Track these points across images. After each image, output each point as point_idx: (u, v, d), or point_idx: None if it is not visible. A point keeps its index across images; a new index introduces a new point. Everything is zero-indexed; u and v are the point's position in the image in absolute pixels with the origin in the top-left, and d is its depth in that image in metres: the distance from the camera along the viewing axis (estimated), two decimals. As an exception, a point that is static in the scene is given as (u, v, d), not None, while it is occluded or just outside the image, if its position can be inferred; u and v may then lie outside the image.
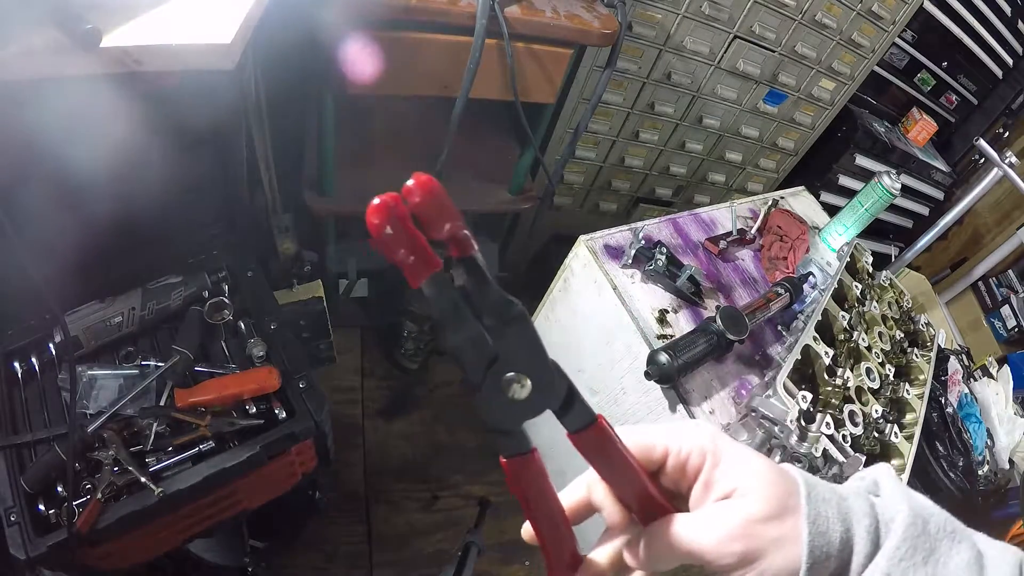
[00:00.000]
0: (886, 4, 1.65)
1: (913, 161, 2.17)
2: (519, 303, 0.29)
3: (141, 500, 0.85)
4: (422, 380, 1.82)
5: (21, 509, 0.81)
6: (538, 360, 0.31)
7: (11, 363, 0.93)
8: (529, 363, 0.30)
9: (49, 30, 0.65)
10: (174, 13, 0.75)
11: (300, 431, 0.97)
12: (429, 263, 0.27)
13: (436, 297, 0.27)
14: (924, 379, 1.20)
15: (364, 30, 1.09)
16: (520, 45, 1.22)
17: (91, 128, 0.72)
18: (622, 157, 1.82)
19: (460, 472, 1.67)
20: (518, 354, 0.30)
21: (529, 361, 0.30)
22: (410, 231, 0.26)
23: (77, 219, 0.82)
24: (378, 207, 0.25)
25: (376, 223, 0.25)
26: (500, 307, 0.29)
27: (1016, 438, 1.31)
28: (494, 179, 1.61)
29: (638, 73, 1.60)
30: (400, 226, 0.26)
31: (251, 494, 1.03)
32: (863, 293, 1.23)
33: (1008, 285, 2.28)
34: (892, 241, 2.45)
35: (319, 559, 1.43)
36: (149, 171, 0.83)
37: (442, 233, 0.27)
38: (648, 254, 1.12)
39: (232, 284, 1.09)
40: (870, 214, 1.38)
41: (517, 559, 1.58)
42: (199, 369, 0.99)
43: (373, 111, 1.57)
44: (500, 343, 0.29)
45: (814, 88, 1.82)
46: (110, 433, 0.87)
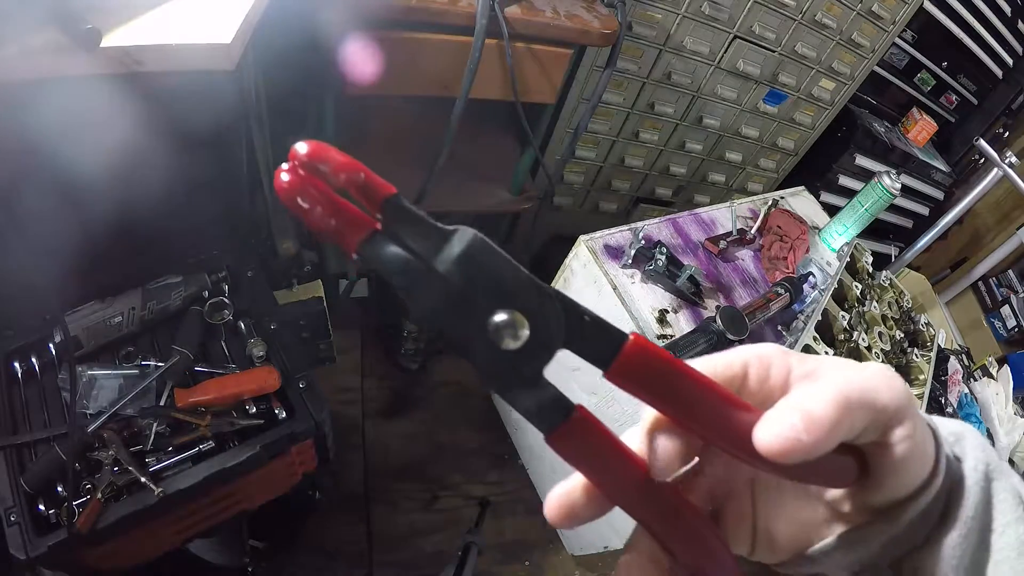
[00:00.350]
0: (886, 4, 1.65)
1: (913, 161, 2.17)
2: (467, 228, 0.23)
3: (141, 500, 0.85)
4: (422, 380, 1.82)
5: (21, 509, 0.81)
6: (515, 285, 0.23)
7: (11, 363, 0.93)
8: (506, 294, 0.23)
9: (49, 30, 0.65)
10: (174, 13, 0.75)
11: (300, 431, 0.97)
12: (358, 226, 0.23)
13: (376, 260, 0.23)
14: (924, 379, 1.20)
15: (364, 30, 1.09)
16: (520, 45, 1.22)
17: (91, 128, 0.72)
18: (622, 157, 1.82)
19: (460, 472, 1.67)
20: (489, 290, 0.23)
21: (505, 292, 0.23)
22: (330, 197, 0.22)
23: (77, 219, 0.82)
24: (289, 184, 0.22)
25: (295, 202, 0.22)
26: (445, 242, 0.23)
27: (1016, 438, 1.31)
28: (494, 179, 1.61)
29: (638, 73, 1.60)
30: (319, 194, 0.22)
31: (251, 494, 1.03)
32: (863, 293, 1.23)
33: (1008, 285, 2.28)
34: (892, 241, 2.45)
35: (319, 559, 1.43)
36: (149, 171, 0.83)
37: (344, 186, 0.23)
38: (648, 254, 1.12)
39: (232, 284, 1.09)
40: (870, 214, 1.38)
41: (517, 559, 1.58)
42: (199, 369, 0.99)
43: (373, 111, 1.57)
44: (467, 287, 0.23)
45: (814, 88, 1.82)
46: (110, 433, 0.87)
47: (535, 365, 0.24)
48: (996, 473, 0.28)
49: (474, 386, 1.84)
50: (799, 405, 0.23)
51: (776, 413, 0.23)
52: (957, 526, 0.27)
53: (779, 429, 0.23)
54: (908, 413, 0.25)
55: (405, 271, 0.23)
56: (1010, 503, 0.28)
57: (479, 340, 0.23)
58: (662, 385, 0.25)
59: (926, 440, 0.26)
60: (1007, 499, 0.28)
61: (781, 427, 0.23)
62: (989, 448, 0.29)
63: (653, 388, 0.25)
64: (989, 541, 0.27)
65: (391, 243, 0.23)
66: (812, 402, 0.23)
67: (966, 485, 0.27)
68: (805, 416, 0.22)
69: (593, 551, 1.49)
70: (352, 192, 0.23)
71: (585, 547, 1.53)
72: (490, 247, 0.23)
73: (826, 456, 0.24)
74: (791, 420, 0.23)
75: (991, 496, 0.28)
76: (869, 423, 0.24)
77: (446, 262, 0.23)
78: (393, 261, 0.23)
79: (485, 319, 0.23)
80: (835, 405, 0.23)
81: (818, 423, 0.22)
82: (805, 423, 0.22)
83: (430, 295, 0.23)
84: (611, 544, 1.37)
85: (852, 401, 0.23)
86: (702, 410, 0.25)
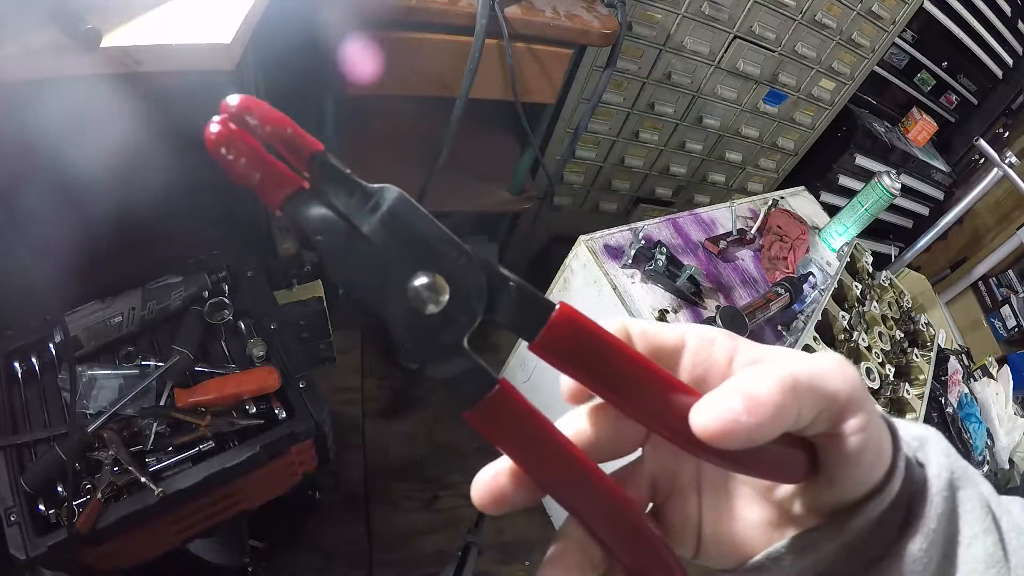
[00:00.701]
0: (886, 4, 1.65)
1: (913, 161, 2.17)
2: (392, 187, 0.22)
3: (141, 500, 0.85)
4: (422, 380, 1.82)
5: (21, 509, 0.81)
6: (437, 247, 0.22)
7: (11, 363, 0.93)
8: (428, 256, 0.22)
9: (49, 30, 0.65)
10: (174, 13, 0.75)
11: (300, 431, 0.97)
12: (284, 182, 0.22)
13: (300, 218, 0.22)
14: (924, 379, 1.20)
15: (364, 30, 1.09)
16: (520, 45, 1.22)
17: (91, 128, 0.72)
18: (622, 157, 1.82)
19: (460, 472, 1.67)
20: (411, 251, 0.22)
21: (427, 254, 0.22)
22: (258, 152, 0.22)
23: (77, 219, 0.82)
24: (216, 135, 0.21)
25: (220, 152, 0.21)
26: (370, 200, 0.22)
27: (1016, 438, 1.31)
28: (494, 179, 1.61)
29: (638, 73, 1.60)
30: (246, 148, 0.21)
31: (251, 494, 1.03)
32: (863, 293, 1.23)
33: (1008, 285, 2.28)
34: (892, 241, 2.45)
35: (319, 559, 1.43)
36: (149, 171, 0.83)
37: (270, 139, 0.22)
38: (648, 254, 1.12)
39: (232, 284, 1.09)
40: (870, 214, 1.38)
41: (517, 559, 1.58)
42: (199, 369, 0.99)
43: (373, 111, 1.57)
44: (389, 248, 0.22)
45: (814, 88, 1.82)
46: (110, 433, 0.87)
47: (456, 332, 0.23)
48: (962, 481, 0.26)
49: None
50: (741, 386, 0.21)
51: (715, 394, 0.22)
52: (918, 538, 0.24)
53: (717, 411, 0.21)
54: (861, 404, 0.23)
55: (328, 230, 0.22)
56: (977, 513, 0.26)
57: (398, 304, 0.22)
58: (593, 360, 0.23)
59: (881, 436, 0.24)
60: (974, 509, 0.26)
61: (720, 408, 0.21)
62: (954, 454, 0.27)
63: (583, 363, 0.23)
64: (955, 554, 0.25)
65: (316, 201, 0.22)
66: (755, 384, 0.21)
67: (928, 494, 0.25)
68: (747, 397, 0.21)
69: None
70: (280, 148, 0.22)
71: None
72: (414, 206, 0.22)
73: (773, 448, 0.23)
74: (731, 402, 0.21)
75: (956, 506, 0.26)
76: (819, 412, 0.22)
77: (369, 222, 0.22)
78: (317, 220, 0.22)
79: (406, 282, 0.22)
80: (780, 387, 0.21)
81: (761, 405, 0.20)
82: (747, 404, 0.21)
83: (352, 257, 0.22)
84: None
85: (800, 385, 0.21)
86: (636, 389, 0.23)
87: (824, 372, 0.22)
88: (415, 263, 0.22)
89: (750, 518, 0.27)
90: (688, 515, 0.28)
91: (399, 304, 0.22)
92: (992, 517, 0.26)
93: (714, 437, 0.21)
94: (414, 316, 0.22)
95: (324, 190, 0.22)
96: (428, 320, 0.22)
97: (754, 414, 0.20)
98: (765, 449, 0.23)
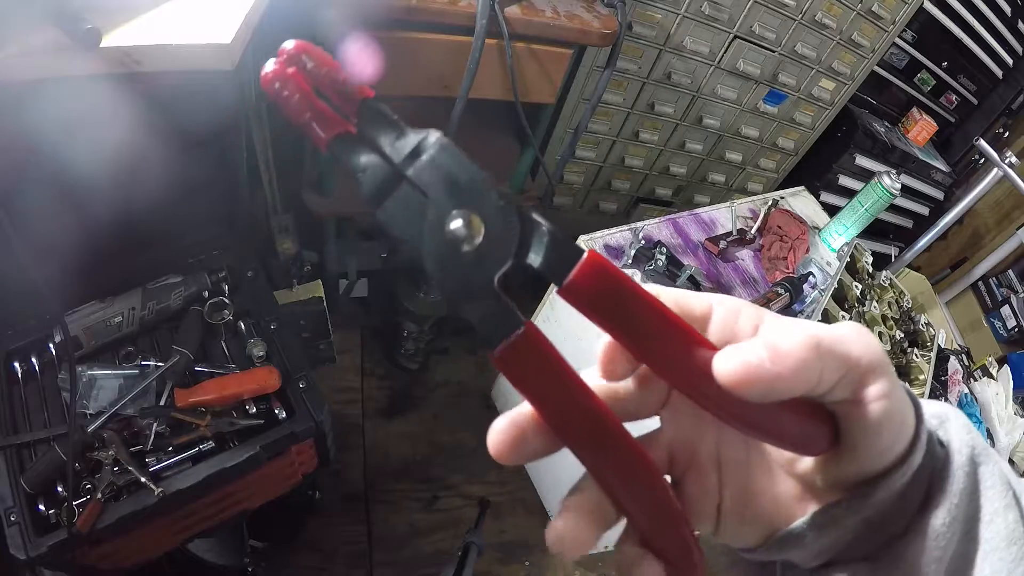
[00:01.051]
0: (886, 4, 1.65)
1: (913, 161, 2.17)
2: (435, 131, 0.23)
3: (141, 500, 0.85)
4: (422, 380, 1.82)
5: (21, 509, 0.81)
6: (474, 189, 0.23)
7: (11, 363, 0.93)
8: (465, 197, 0.23)
9: (49, 30, 0.65)
10: (174, 13, 0.75)
11: (300, 431, 0.97)
12: (333, 123, 0.23)
13: (347, 158, 0.23)
14: (924, 379, 1.20)
15: (364, 30, 1.09)
16: (520, 45, 1.22)
17: (91, 128, 0.72)
18: (622, 157, 1.82)
19: (460, 472, 1.67)
20: (449, 193, 0.23)
21: (465, 194, 0.23)
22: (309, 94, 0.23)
23: (77, 219, 0.82)
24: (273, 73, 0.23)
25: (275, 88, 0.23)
26: (414, 143, 0.23)
27: (1016, 438, 1.31)
28: (494, 179, 1.61)
29: (638, 73, 1.60)
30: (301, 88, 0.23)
31: (251, 494, 1.03)
32: (863, 293, 1.24)
33: (1008, 285, 2.28)
34: (892, 241, 2.45)
35: (319, 559, 1.43)
36: (149, 171, 0.83)
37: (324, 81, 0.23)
38: (648, 254, 1.12)
39: (232, 284, 1.09)
40: (870, 214, 1.38)
41: (517, 559, 1.58)
42: (199, 369, 0.99)
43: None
44: (428, 189, 0.23)
45: (814, 88, 1.82)
46: (110, 433, 0.87)
47: (487, 271, 0.23)
48: (983, 457, 0.26)
49: (474, 386, 1.84)
50: (766, 339, 0.22)
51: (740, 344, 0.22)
52: (940, 513, 0.24)
53: (743, 357, 0.21)
54: (883, 370, 0.23)
55: (371, 168, 0.23)
56: (999, 489, 0.25)
57: (435, 241, 0.23)
58: (618, 308, 0.23)
59: (904, 405, 0.24)
60: (995, 485, 0.25)
61: (744, 355, 0.21)
62: (974, 430, 0.27)
63: (608, 310, 0.23)
64: (977, 531, 0.25)
65: (362, 144, 0.23)
66: (781, 337, 0.21)
67: (951, 469, 0.25)
68: (771, 348, 0.21)
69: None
70: (330, 93, 0.23)
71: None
72: (455, 150, 0.23)
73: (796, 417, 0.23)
74: (756, 350, 0.21)
75: (978, 482, 0.25)
76: (841, 375, 0.22)
77: (412, 163, 0.23)
78: (361, 160, 0.23)
79: (441, 221, 0.23)
80: (805, 344, 0.21)
81: (785, 356, 0.21)
82: (771, 354, 0.21)
83: (392, 195, 0.23)
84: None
85: (823, 344, 0.21)
86: (660, 342, 0.23)
87: (846, 337, 0.22)
88: (453, 203, 0.23)
89: (771, 493, 0.27)
90: (708, 490, 0.28)
91: (435, 241, 0.23)
92: (1013, 493, 0.26)
93: (737, 384, 0.21)
94: (449, 254, 0.23)
95: (370, 133, 0.23)
96: (462, 258, 0.23)
97: (778, 364, 0.21)
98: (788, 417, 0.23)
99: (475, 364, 1.89)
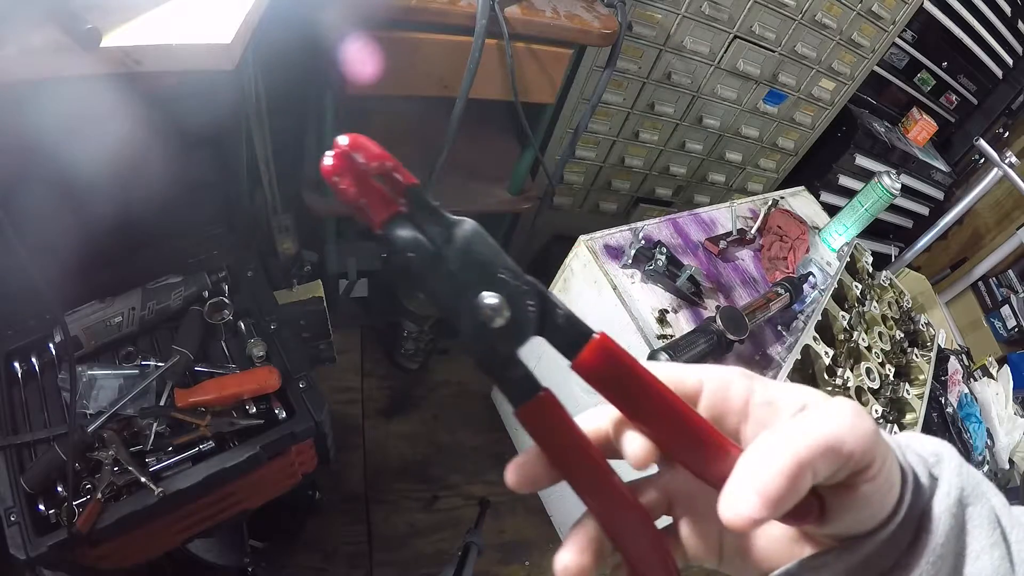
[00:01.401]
0: (886, 4, 1.65)
1: (913, 161, 2.17)
2: (469, 220, 0.27)
3: (141, 500, 0.85)
4: (422, 380, 1.82)
5: (21, 509, 0.81)
6: (504, 274, 0.27)
7: (11, 363, 0.93)
8: (493, 280, 0.27)
9: (49, 30, 0.65)
10: (174, 13, 0.75)
11: (300, 431, 0.97)
12: (384, 206, 0.27)
13: (395, 237, 0.27)
14: (924, 379, 1.20)
15: (364, 30, 1.09)
16: (520, 45, 1.22)
17: (91, 128, 0.72)
18: (622, 157, 1.82)
19: (460, 472, 1.67)
20: (481, 274, 0.27)
21: (492, 277, 0.27)
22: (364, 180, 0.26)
23: (77, 219, 0.82)
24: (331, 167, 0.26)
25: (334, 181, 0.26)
26: (452, 230, 0.27)
27: (1016, 438, 1.31)
28: (494, 179, 1.61)
29: (638, 73, 1.60)
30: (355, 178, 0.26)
31: (251, 494, 1.03)
32: (863, 293, 1.23)
33: (1008, 285, 2.28)
34: (892, 241, 2.45)
35: (319, 559, 1.43)
36: (149, 171, 0.83)
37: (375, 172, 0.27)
38: (648, 254, 1.12)
39: (232, 284, 1.09)
40: (870, 214, 1.39)
41: (517, 559, 1.58)
42: (199, 369, 0.99)
43: (373, 111, 1.57)
44: (464, 270, 0.27)
45: (814, 88, 1.82)
46: (110, 433, 0.87)
47: (512, 344, 0.27)
48: (973, 498, 0.28)
49: (474, 386, 1.84)
50: (755, 482, 0.24)
51: (735, 489, 0.24)
52: (926, 554, 0.26)
53: (740, 508, 0.24)
54: (872, 454, 0.25)
55: (417, 249, 0.27)
56: (985, 529, 0.27)
57: (468, 316, 0.27)
58: (623, 386, 0.27)
59: (891, 479, 0.26)
60: (982, 524, 0.27)
61: (743, 506, 0.24)
62: (967, 471, 0.29)
63: (614, 388, 0.27)
64: (963, 568, 0.27)
65: (409, 225, 0.27)
66: (768, 476, 0.23)
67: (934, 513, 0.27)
68: (762, 493, 0.23)
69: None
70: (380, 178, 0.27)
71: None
72: (486, 238, 0.27)
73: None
74: (748, 498, 0.23)
75: (965, 522, 0.27)
76: (832, 472, 0.24)
77: (449, 247, 0.27)
78: (409, 240, 0.27)
79: (474, 299, 0.27)
80: (794, 473, 0.23)
81: (776, 498, 0.23)
82: (763, 499, 0.23)
83: (433, 273, 0.27)
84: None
85: (815, 458, 0.23)
86: (655, 418, 0.27)
87: (839, 433, 0.24)
88: (483, 284, 0.27)
89: (770, 533, 0.30)
90: (707, 530, 0.30)
91: (469, 316, 0.27)
92: (1000, 531, 0.28)
93: (741, 528, 0.24)
94: (481, 328, 0.27)
95: (415, 217, 0.27)
96: (491, 332, 0.27)
97: (771, 507, 0.23)
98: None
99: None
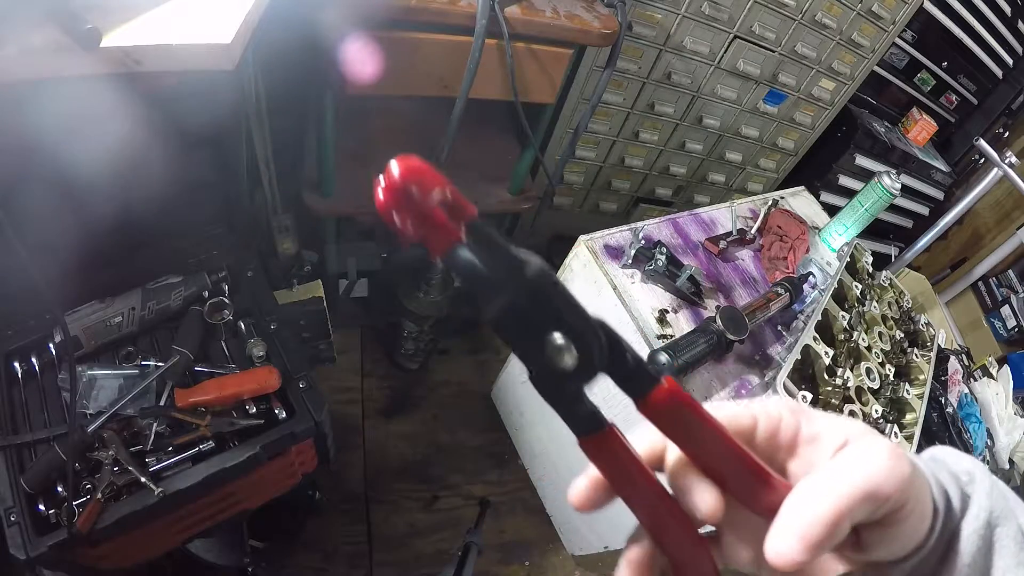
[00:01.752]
0: (886, 4, 1.66)
1: (913, 161, 2.17)
2: (536, 258, 0.27)
3: (141, 500, 0.85)
4: (422, 380, 1.82)
5: (21, 509, 0.81)
6: (572, 316, 0.27)
7: (11, 363, 0.93)
8: (563, 322, 0.27)
9: (49, 30, 0.65)
10: (174, 13, 0.75)
11: (300, 431, 0.97)
12: (444, 235, 0.26)
13: (459, 269, 0.27)
14: (924, 379, 1.20)
15: (364, 30, 1.09)
16: (520, 45, 1.22)
17: (91, 128, 0.72)
18: (622, 157, 1.82)
19: (460, 472, 1.67)
20: (551, 316, 0.27)
21: (563, 320, 0.27)
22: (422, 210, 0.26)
23: (77, 219, 0.82)
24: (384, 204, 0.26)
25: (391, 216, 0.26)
26: (518, 266, 0.26)
27: (1016, 438, 1.31)
28: (494, 179, 1.61)
29: (638, 73, 1.60)
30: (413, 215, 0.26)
31: (251, 494, 1.03)
32: (863, 293, 1.23)
33: (1008, 285, 2.28)
34: (892, 241, 2.45)
35: (319, 559, 1.43)
36: (149, 171, 0.83)
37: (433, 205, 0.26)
38: (648, 254, 1.12)
39: (232, 284, 1.09)
40: (870, 214, 1.38)
41: (517, 559, 1.58)
42: (199, 369, 0.99)
43: (373, 111, 1.57)
44: (532, 310, 0.27)
45: (814, 88, 1.82)
46: (110, 433, 0.87)
47: (579, 383, 0.28)
48: (1001, 519, 0.29)
49: (474, 386, 1.84)
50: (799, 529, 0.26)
51: (781, 532, 0.26)
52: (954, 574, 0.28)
53: (784, 551, 0.26)
54: (908, 495, 0.26)
55: (478, 280, 0.27)
56: (1011, 549, 0.29)
57: (536, 353, 0.28)
58: (686, 428, 0.29)
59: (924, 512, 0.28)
60: (1008, 545, 0.29)
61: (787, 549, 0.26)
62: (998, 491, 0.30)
63: (678, 429, 0.29)
64: None
65: (470, 256, 0.27)
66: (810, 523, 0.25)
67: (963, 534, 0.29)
68: (806, 540, 0.25)
69: (593, 551, 1.49)
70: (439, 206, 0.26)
71: (585, 547, 1.53)
72: (554, 278, 0.27)
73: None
74: (791, 546, 0.25)
75: (993, 543, 0.29)
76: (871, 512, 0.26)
77: (517, 284, 0.27)
78: (472, 272, 0.27)
79: (543, 338, 0.27)
80: (833, 522, 0.25)
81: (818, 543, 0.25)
82: (805, 545, 0.25)
83: (500, 307, 0.27)
84: (611, 544, 1.37)
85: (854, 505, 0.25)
86: (715, 458, 0.29)
87: (876, 479, 0.26)
88: (553, 325, 0.27)
89: None
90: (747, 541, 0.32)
91: (536, 353, 0.28)
92: None
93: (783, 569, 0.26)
94: (549, 366, 0.28)
95: (477, 248, 0.27)
96: (559, 371, 0.28)
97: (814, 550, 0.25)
98: None
99: (475, 364, 1.89)
